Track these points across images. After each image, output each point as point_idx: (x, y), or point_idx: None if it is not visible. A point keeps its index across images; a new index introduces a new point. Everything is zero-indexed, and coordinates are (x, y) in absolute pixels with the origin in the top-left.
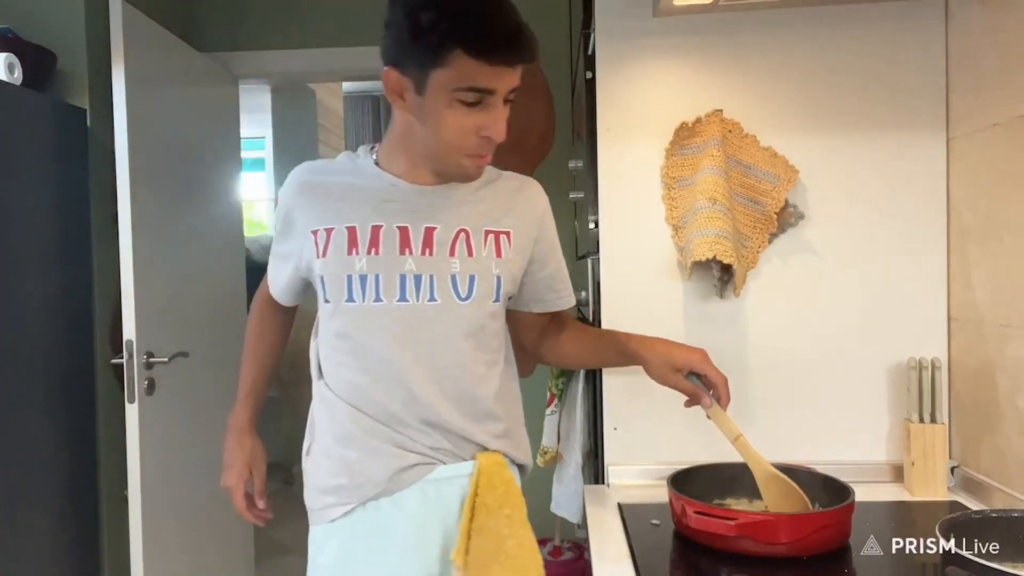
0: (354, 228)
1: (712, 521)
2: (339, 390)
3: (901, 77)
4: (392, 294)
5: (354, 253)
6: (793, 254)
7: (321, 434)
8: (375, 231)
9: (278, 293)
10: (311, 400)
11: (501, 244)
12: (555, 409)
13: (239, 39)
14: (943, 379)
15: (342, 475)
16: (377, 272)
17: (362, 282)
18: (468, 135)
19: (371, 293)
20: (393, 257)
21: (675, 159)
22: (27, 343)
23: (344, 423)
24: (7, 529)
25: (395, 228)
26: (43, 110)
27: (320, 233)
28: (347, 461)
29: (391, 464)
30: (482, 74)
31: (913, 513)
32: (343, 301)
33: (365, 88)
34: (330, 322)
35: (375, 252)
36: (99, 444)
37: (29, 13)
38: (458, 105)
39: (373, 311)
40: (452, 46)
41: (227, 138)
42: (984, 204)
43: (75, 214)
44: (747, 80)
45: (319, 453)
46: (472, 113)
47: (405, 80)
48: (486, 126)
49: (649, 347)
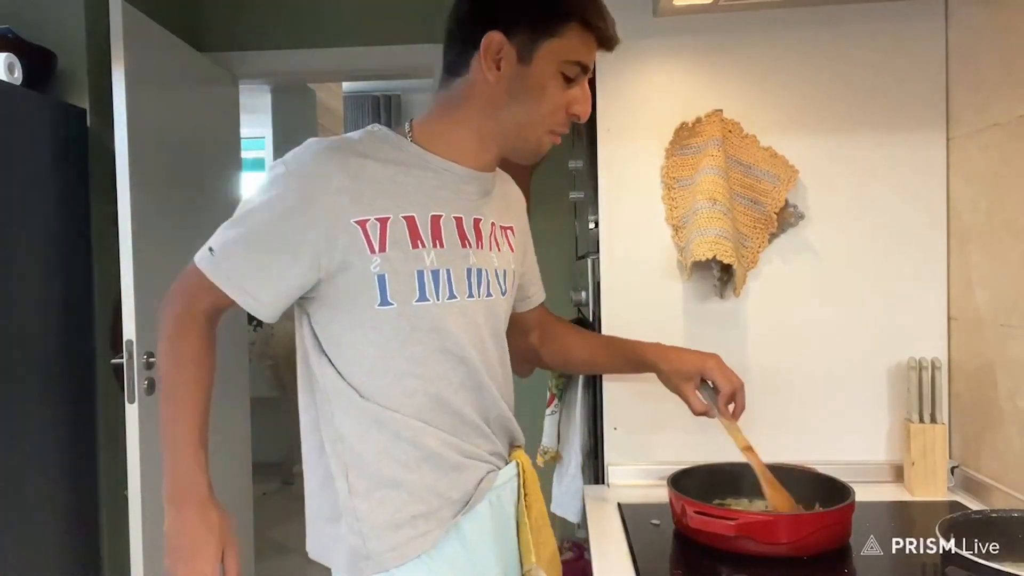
0: (413, 218)
1: (712, 521)
2: (402, 405)
3: (901, 77)
4: (462, 290)
5: (420, 246)
6: (793, 254)
7: (377, 463)
8: (435, 221)
9: (267, 301)
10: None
11: (510, 239)
12: (555, 409)
13: (239, 39)
14: (943, 379)
15: (420, 502)
16: (447, 267)
17: (435, 278)
18: (559, 110)
19: (444, 290)
20: (457, 250)
21: (675, 159)
22: (27, 343)
23: (414, 442)
24: (7, 529)
25: (452, 218)
26: (43, 110)
27: (371, 224)
28: (424, 485)
29: (469, 478)
30: (587, 50)
31: (913, 513)
32: (413, 302)
33: (365, 88)
34: (387, 327)
35: (440, 245)
36: (99, 444)
37: (29, 13)
38: (560, 78)
39: (447, 310)
40: (570, 18)
41: (227, 138)
42: (984, 204)
43: (75, 214)
44: (747, 80)
45: (380, 487)
46: (567, 89)
47: (509, 47)
48: (577, 101)
49: (661, 355)
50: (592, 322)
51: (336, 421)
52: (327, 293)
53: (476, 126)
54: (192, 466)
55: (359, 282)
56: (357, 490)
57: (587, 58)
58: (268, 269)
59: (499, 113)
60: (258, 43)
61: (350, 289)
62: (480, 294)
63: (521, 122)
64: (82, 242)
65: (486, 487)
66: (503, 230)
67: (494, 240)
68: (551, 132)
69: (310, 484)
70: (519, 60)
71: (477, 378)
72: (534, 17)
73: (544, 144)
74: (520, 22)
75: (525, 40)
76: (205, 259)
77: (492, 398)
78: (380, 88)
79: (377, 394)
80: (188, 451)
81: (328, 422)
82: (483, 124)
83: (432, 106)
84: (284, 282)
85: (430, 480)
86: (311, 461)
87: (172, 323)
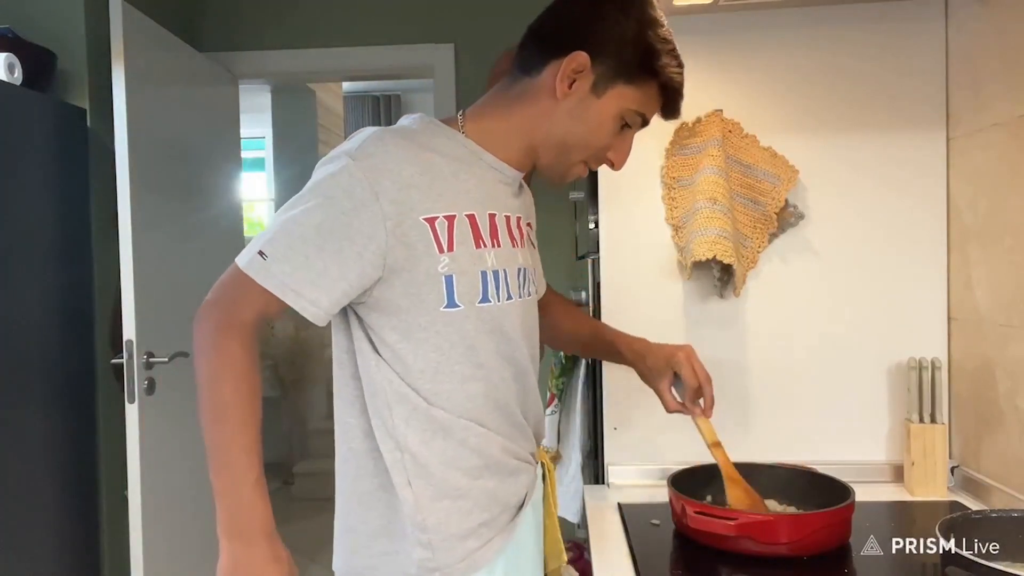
0: (474, 216)
1: (712, 521)
2: (466, 411)
3: (901, 77)
4: (516, 290)
5: (482, 246)
6: (793, 254)
7: (443, 472)
8: (492, 220)
9: (327, 305)
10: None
11: (532, 237)
12: (555, 409)
13: (239, 39)
14: (943, 379)
15: (484, 510)
16: (505, 267)
17: (496, 279)
18: (604, 149)
19: (503, 291)
20: (510, 250)
21: (675, 159)
22: (27, 343)
23: (479, 449)
24: (7, 529)
25: (503, 217)
26: (43, 110)
27: (440, 221)
28: (486, 492)
29: (524, 482)
30: (653, 108)
31: (913, 513)
32: (477, 303)
33: (365, 88)
34: (451, 331)
35: (497, 245)
36: (99, 444)
37: (29, 13)
38: (619, 121)
39: (506, 311)
40: (655, 78)
41: (227, 138)
42: (984, 204)
43: (75, 214)
44: (747, 80)
45: (445, 496)
46: (618, 134)
47: (589, 72)
48: (617, 149)
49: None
50: None
51: (398, 430)
52: (385, 295)
53: (529, 131)
54: (254, 497)
55: (425, 283)
56: (422, 501)
57: (650, 114)
58: (329, 271)
59: (551, 127)
60: (258, 43)
61: (414, 290)
62: (526, 294)
63: (569, 144)
64: (82, 242)
65: (533, 487)
66: (528, 227)
67: (529, 239)
68: (585, 164)
69: (349, 497)
70: (592, 88)
71: (526, 379)
72: (625, 59)
73: (575, 173)
74: (610, 56)
75: (606, 73)
76: (255, 263)
77: (535, 398)
78: (380, 88)
79: (443, 400)
80: (249, 479)
81: (387, 432)
82: (535, 131)
83: (488, 99)
84: (346, 282)
85: (491, 487)
86: (351, 472)
87: (214, 335)
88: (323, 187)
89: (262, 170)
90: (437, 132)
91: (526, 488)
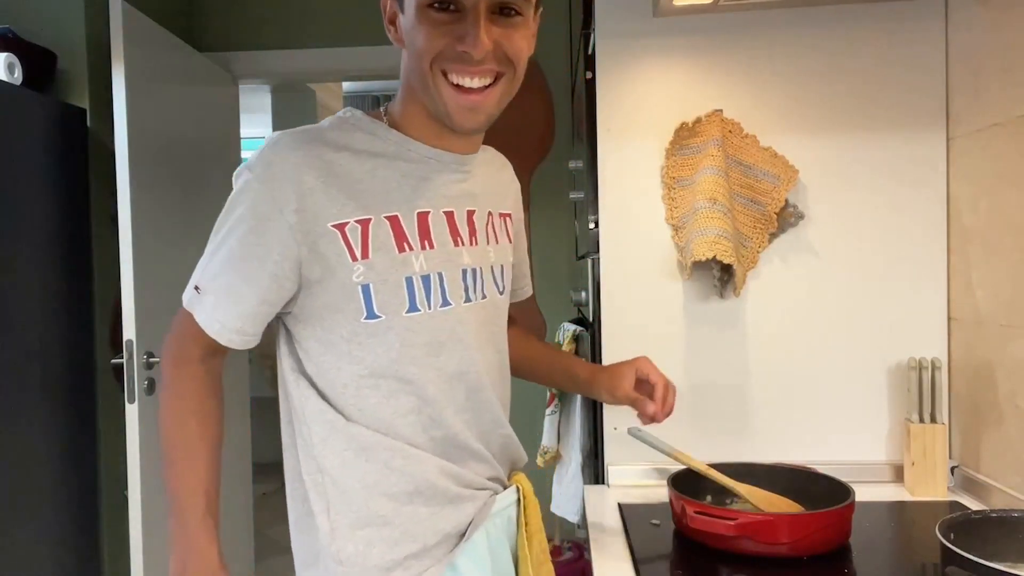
0: (396, 217)
1: (712, 521)
2: (393, 428)
3: (901, 77)
4: (458, 295)
5: (407, 250)
6: (793, 254)
7: (364, 498)
8: (423, 220)
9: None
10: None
11: (508, 228)
12: (555, 409)
13: (239, 39)
14: (943, 379)
15: (412, 540)
16: (440, 271)
17: (426, 285)
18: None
19: (437, 297)
20: (449, 250)
21: (675, 159)
22: (27, 343)
23: (406, 472)
24: (7, 529)
25: (442, 214)
26: (43, 110)
27: (351, 227)
28: (416, 520)
29: (467, 509)
30: None
31: (913, 513)
32: (403, 313)
33: (365, 88)
34: (374, 343)
35: (429, 247)
36: (99, 444)
37: (29, 13)
38: (431, 14)
39: (442, 320)
40: None
41: (227, 138)
42: (984, 204)
43: (75, 214)
44: (747, 80)
45: (367, 524)
46: (445, 26)
47: (393, 3)
48: (460, 37)
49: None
50: (592, 322)
51: (316, 450)
52: (306, 306)
53: (417, 99)
54: (198, 537)
55: (341, 294)
56: (340, 529)
57: None
58: (249, 297)
59: (408, 74)
60: (258, 43)
61: (331, 302)
62: (476, 297)
63: (413, 69)
64: (82, 242)
65: (482, 518)
66: (501, 218)
67: (491, 232)
68: (448, 86)
69: (291, 525)
70: (402, 12)
71: (479, 396)
72: None
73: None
74: None
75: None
76: (193, 299)
77: (494, 418)
78: (380, 88)
79: (365, 417)
80: (193, 520)
81: (307, 452)
82: (416, 95)
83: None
84: (267, 305)
85: (423, 514)
86: (290, 494)
87: (167, 372)
88: (232, 206)
89: None
90: (355, 127)
91: (469, 517)
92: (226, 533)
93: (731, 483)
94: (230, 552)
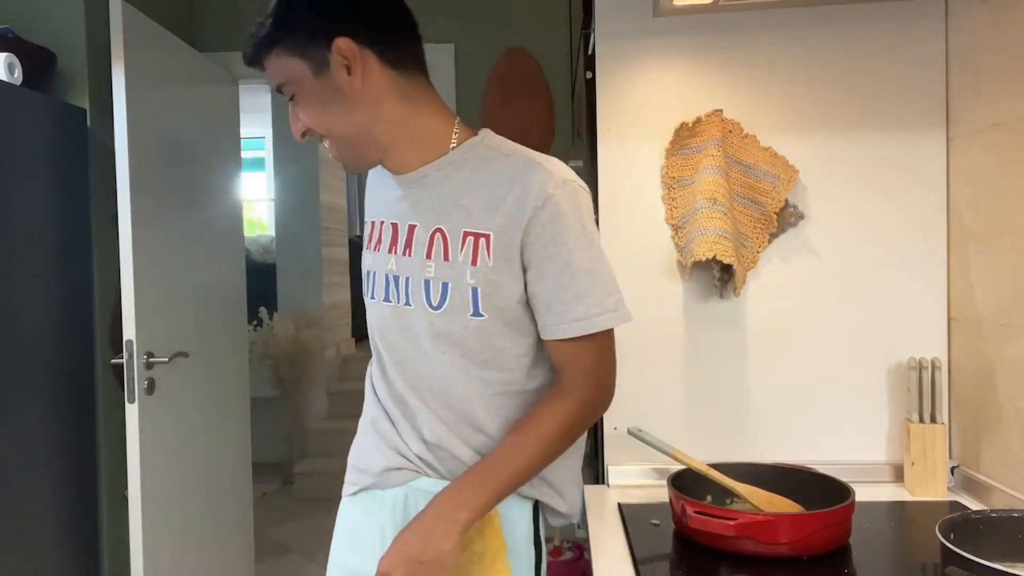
0: (372, 223)
1: (712, 521)
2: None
3: (901, 76)
4: (380, 293)
5: (368, 248)
6: (793, 254)
7: (364, 413)
8: (375, 227)
9: None
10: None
11: (479, 249)
12: None
13: (239, 39)
14: (943, 379)
15: (358, 457)
16: (375, 270)
17: (371, 279)
18: None
19: (371, 290)
20: (383, 255)
21: (675, 159)
22: (27, 343)
23: (370, 408)
24: (7, 529)
25: (389, 225)
26: (43, 110)
27: (366, 225)
28: (363, 446)
29: (383, 461)
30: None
31: (913, 513)
32: (368, 297)
33: None
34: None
35: (376, 249)
36: (99, 444)
37: (29, 13)
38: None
39: (373, 308)
40: None
41: (227, 138)
42: (984, 204)
43: (75, 214)
44: (747, 80)
45: (359, 430)
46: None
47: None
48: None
49: None
50: None
51: None
52: None
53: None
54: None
55: None
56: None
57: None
58: None
59: None
60: None
61: None
62: (398, 301)
63: None
64: (82, 242)
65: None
66: (467, 236)
67: (439, 248)
68: None
69: None
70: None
71: (393, 379)
72: None
73: None
74: None
75: None
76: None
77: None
78: None
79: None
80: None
81: None
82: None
83: None
84: None
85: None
86: None
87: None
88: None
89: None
90: None
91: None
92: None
93: (731, 483)
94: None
